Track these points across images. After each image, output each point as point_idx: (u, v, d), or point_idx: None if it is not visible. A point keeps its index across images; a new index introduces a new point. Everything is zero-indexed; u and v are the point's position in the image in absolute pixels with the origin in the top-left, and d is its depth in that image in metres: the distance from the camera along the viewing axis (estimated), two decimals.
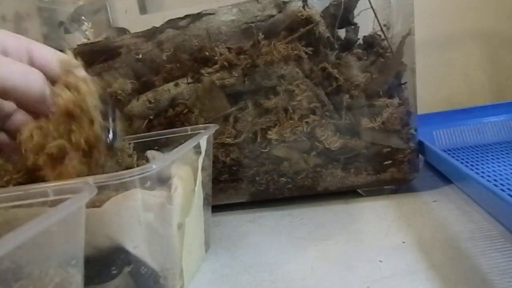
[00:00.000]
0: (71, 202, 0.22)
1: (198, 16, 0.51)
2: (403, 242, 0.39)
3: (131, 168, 0.32)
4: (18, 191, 0.25)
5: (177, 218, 0.34)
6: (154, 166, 0.28)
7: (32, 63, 0.31)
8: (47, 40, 0.57)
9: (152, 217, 0.30)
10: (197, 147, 0.38)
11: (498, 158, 0.55)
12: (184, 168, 0.36)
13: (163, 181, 0.32)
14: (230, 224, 0.50)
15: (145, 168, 0.28)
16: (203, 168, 0.39)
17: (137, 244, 0.29)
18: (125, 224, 0.29)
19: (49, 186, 0.24)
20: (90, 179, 0.26)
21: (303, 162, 0.51)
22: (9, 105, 0.31)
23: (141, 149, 0.43)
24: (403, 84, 0.51)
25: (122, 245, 0.29)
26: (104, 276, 0.29)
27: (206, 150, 0.39)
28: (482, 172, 0.51)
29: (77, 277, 0.23)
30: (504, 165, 0.52)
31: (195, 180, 0.37)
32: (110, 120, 0.32)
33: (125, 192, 0.28)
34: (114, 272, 0.29)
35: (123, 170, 0.29)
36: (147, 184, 0.29)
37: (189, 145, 0.35)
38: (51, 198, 0.24)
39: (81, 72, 0.32)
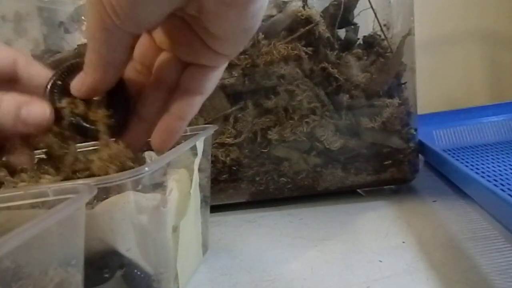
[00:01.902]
0: (71, 202, 0.22)
1: None
2: (403, 242, 0.39)
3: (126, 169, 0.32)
4: (18, 191, 0.25)
5: (172, 221, 0.33)
6: (147, 169, 0.28)
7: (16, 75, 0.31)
8: (47, 40, 0.57)
9: (145, 220, 0.30)
10: (194, 148, 0.37)
11: (498, 158, 0.55)
12: (180, 170, 0.35)
13: (157, 183, 0.31)
14: (229, 224, 0.50)
15: (138, 170, 0.27)
16: (201, 170, 0.38)
17: (130, 247, 0.29)
18: (117, 227, 0.28)
19: (49, 186, 0.24)
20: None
21: (303, 162, 0.51)
22: None
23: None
24: (403, 84, 0.51)
25: (114, 248, 0.29)
26: (96, 280, 0.29)
27: (204, 152, 0.39)
28: (482, 172, 0.51)
29: (77, 277, 0.23)
30: (504, 165, 0.52)
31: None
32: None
33: (117, 194, 0.28)
34: (107, 275, 0.29)
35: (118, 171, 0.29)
36: (140, 186, 0.28)
37: (184, 147, 0.35)
38: (51, 198, 0.24)
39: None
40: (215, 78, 0.31)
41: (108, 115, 0.30)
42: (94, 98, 0.30)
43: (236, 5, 0.24)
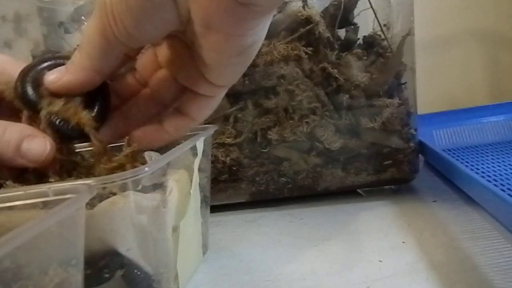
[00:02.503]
0: (71, 202, 0.22)
1: None
2: (403, 242, 0.39)
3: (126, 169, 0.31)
4: (18, 191, 0.24)
5: (172, 221, 0.33)
6: (147, 169, 0.28)
7: None
8: (47, 40, 0.57)
9: (145, 220, 0.29)
10: (194, 148, 0.37)
11: (498, 158, 0.55)
12: (180, 170, 0.35)
13: (157, 183, 0.31)
14: (230, 224, 0.50)
15: (138, 170, 0.27)
16: (201, 170, 0.38)
17: (130, 247, 0.29)
18: (117, 227, 0.28)
19: (49, 186, 0.24)
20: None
21: (303, 162, 0.51)
22: None
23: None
24: (403, 84, 0.51)
25: (114, 248, 0.29)
26: (96, 280, 0.29)
27: (204, 152, 0.39)
28: (482, 172, 0.51)
29: (77, 277, 0.23)
30: (504, 165, 0.52)
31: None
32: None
33: (117, 194, 0.28)
34: (107, 275, 0.29)
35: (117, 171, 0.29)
36: (140, 186, 0.28)
37: (184, 147, 0.35)
38: (51, 198, 0.24)
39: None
40: (210, 106, 0.32)
41: (94, 122, 0.30)
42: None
43: (218, 30, 0.24)
